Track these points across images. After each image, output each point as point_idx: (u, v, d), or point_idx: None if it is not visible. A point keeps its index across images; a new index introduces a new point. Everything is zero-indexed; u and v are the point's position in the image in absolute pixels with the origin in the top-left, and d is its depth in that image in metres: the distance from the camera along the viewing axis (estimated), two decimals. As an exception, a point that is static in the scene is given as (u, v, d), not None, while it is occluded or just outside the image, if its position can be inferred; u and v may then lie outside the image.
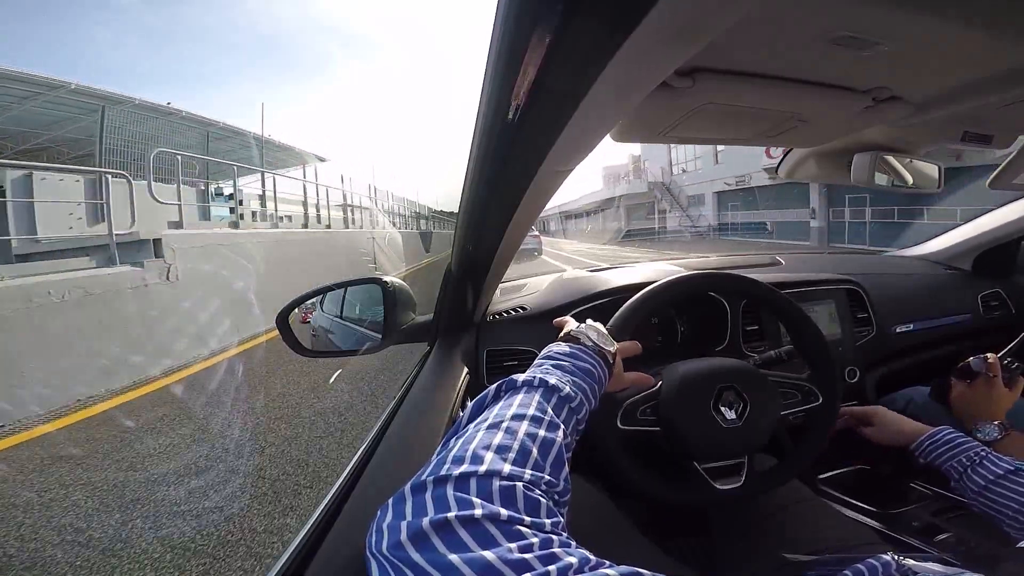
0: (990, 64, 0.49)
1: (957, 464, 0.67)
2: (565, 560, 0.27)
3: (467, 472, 0.32)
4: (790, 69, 0.48)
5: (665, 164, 26.07)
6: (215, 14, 39.80)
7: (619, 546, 0.64)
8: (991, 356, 0.88)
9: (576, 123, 0.37)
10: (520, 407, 0.41)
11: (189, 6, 36.96)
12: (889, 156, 0.81)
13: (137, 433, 2.71)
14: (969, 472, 0.65)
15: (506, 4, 0.27)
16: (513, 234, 0.68)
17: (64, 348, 3.35)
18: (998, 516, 0.60)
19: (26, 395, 2.97)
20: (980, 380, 0.86)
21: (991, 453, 0.66)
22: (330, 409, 2.95)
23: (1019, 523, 0.58)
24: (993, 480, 0.62)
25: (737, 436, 0.68)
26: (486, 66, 0.33)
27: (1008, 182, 0.90)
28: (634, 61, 0.30)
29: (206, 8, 37.49)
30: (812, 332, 0.79)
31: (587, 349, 0.55)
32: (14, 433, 2.72)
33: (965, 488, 0.65)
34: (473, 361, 0.96)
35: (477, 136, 0.43)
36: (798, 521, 0.72)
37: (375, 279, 0.94)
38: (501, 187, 0.53)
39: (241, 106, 44.18)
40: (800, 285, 1.14)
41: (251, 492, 2.03)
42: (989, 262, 1.38)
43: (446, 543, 0.27)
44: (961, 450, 0.68)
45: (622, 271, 1.23)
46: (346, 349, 1.15)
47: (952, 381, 0.91)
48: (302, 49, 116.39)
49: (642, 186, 27.39)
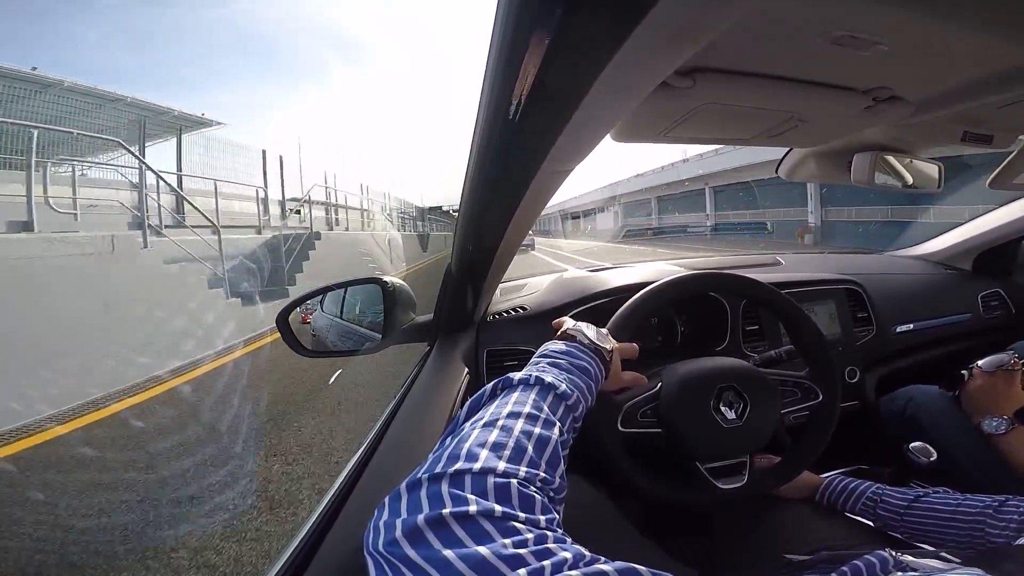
0: (990, 64, 0.49)
1: (863, 506, 0.71)
2: (560, 555, 0.27)
3: (462, 469, 0.32)
4: (790, 69, 0.48)
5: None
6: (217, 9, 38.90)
7: (619, 546, 0.64)
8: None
9: (576, 123, 0.37)
10: (516, 405, 0.41)
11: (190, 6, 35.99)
12: (889, 156, 0.81)
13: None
14: (878, 511, 0.68)
15: (506, 4, 0.27)
16: (513, 234, 0.68)
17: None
18: (927, 537, 0.63)
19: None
20: (1000, 374, 0.87)
21: (886, 488, 0.70)
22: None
23: (948, 536, 0.60)
24: (903, 509, 0.66)
25: (738, 436, 0.69)
26: (486, 66, 0.33)
27: (1008, 182, 0.90)
28: (634, 61, 0.30)
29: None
30: (810, 330, 0.79)
31: (583, 347, 0.55)
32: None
33: (886, 522, 0.68)
34: (473, 361, 0.96)
35: (477, 136, 0.43)
36: (798, 521, 0.72)
37: (375, 279, 0.94)
38: (501, 187, 0.53)
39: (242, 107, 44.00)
40: (800, 285, 1.14)
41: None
42: (989, 262, 1.38)
43: (441, 539, 0.28)
44: (859, 492, 0.72)
45: (622, 271, 1.23)
46: (346, 349, 1.15)
47: (974, 371, 0.91)
48: (299, 50, 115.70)
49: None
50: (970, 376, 0.91)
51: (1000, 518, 0.56)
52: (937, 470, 0.87)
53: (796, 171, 0.92)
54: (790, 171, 0.93)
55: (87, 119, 7.50)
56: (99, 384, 3.31)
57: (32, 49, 19.65)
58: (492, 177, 0.50)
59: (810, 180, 0.92)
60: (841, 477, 0.77)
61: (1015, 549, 0.48)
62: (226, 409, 3.08)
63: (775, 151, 0.90)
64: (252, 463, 2.31)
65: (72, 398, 3.11)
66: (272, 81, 53.55)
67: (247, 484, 2.10)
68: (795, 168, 0.91)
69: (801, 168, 0.91)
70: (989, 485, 0.74)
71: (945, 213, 7.50)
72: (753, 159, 17.81)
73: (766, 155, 14.84)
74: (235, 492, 2.04)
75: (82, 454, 2.44)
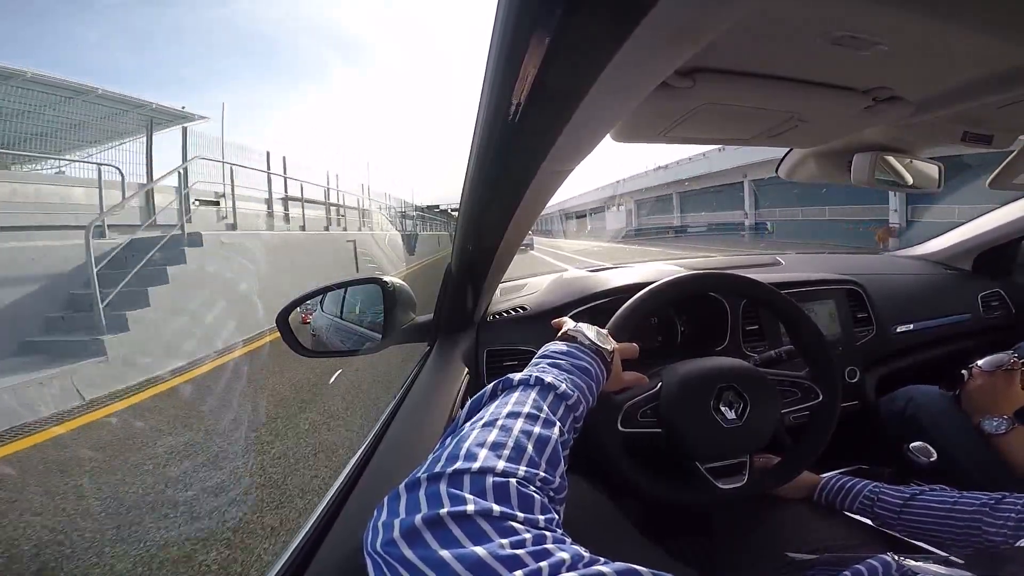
0: (990, 64, 0.49)
1: (860, 505, 0.71)
2: (558, 556, 0.27)
3: (461, 469, 0.32)
4: (790, 69, 0.48)
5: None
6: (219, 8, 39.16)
7: (619, 545, 0.65)
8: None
9: (576, 123, 0.37)
10: (516, 405, 0.41)
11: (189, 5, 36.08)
12: (889, 156, 0.81)
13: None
14: (876, 509, 0.68)
15: (506, 4, 0.27)
16: (513, 234, 0.68)
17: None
18: (925, 535, 0.63)
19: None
20: (999, 374, 0.87)
21: (882, 486, 0.70)
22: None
23: (945, 534, 0.61)
24: (900, 507, 0.66)
25: (738, 436, 0.69)
26: (486, 66, 0.33)
27: (1008, 182, 0.90)
28: (634, 61, 0.30)
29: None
30: (810, 330, 0.79)
31: (584, 347, 0.55)
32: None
33: (884, 520, 0.68)
34: (473, 361, 0.96)
35: (477, 136, 0.43)
36: (798, 521, 0.72)
37: (375, 279, 0.94)
38: (501, 187, 0.53)
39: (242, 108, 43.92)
40: (800, 285, 1.14)
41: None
42: (989, 262, 1.38)
43: (438, 539, 0.28)
44: (857, 491, 0.72)
45: (622, 271, 1.23)
46: (346, 349, 1.15)
47: (973, 372, 0.91)
48: (298, 50, 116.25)
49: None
50: (970, 376, 0.91)
51: (997, 515, 0.56)
52: (937, 470, 0.87)
53: (796, 171, 0.92)
54: (790, 171, 0.93)
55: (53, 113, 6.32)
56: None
57: (32, 49, 19.44)
58: (492, 177, 0.50)
59: (810, 180, 0.92)
60: (838, 476, 0.77)
61: (1016, 551, 0.48)
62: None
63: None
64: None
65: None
66: (272, 81, 53.45)
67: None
68: (795, 168, 0.92)
69: (801, 168, 0.91)
70: (989, 485, 0.74)
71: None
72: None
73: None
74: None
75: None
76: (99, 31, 23.94)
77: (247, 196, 7.41)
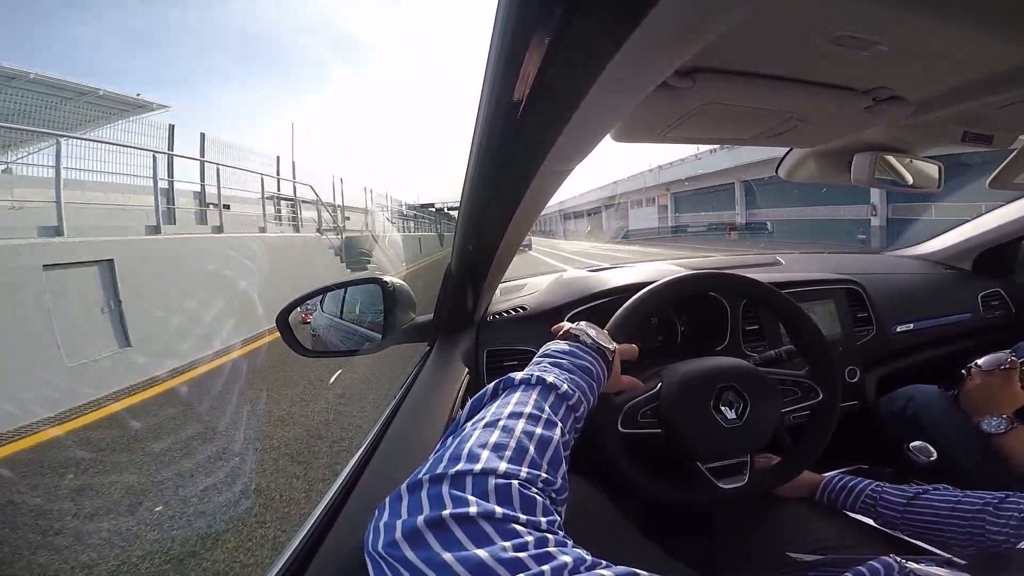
0: (990, 64, 0.49)
1: (862, 504, 0.71)
2: (560, 559, 0.26)
3: (463, 470, 0.32)
4: (790, 69, 0.48)
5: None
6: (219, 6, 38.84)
7: (619, 546, 0.64)
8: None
9: (576, 123, 0.37)
10: (517, 405, 0.41)
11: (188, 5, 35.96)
12: (889, 156, 0.81)
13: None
14: (879, 508, 0.68)
15: (506, 4, 0.27)
16: (513, 234, 0.68)
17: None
18: (928, 535, 0.63)
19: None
20: (997, 373, 0.87)
21: (884, 486, 0.70)
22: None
23: (948, 534, 0.60)
24: (903, 507, 0.66)
25: (738, 435, 0.69)
26: (486, 66, 0.33)
27: (1008, 182, 0.90)
28: (634, 61, 0.30)
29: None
30: (810, 329, 0.79)
31: (585, 347, 0.55)
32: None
33: (887, 520, 0.68)
34: (473, 361, 0.96)
35: (477, 136, 0.43)
36: (798, 521, 0.72)
37: (375, 279, 0.94)
38: (501, 187, 0.53)
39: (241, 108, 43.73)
40: (800, 285, 1.14)
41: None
42: (989, 261, 1.38)
43: (440, 541, 0.27)
44: (859, 490, 0.72)
45: (622, 271, 1.23)
46: (346, 349, 1.15)
47: (971, 371, 0.91)
48: (297, 50, 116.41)
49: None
50: (969, 375, 0.91)
51: (1000, 515, 0.56)
52: (937, 470, 0.87)
53: (796, 171, 0.92)
54: (790, 171, 0.93)
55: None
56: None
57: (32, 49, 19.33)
58: (492, 177, 0.50)
59: (810, 180, 0.92)
60: (840, 476, 0.77)
61: (1018, 553, 0.48)
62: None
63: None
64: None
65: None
66: (271, 81, 53.42)
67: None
68: (795, 168, 0.91)
69: (801, 168, 0.90)
70: (989, 484, 0.74)
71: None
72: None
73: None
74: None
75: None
76: (98, 30, 23.83)
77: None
